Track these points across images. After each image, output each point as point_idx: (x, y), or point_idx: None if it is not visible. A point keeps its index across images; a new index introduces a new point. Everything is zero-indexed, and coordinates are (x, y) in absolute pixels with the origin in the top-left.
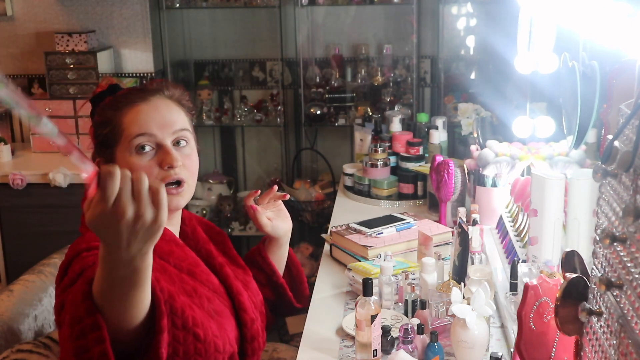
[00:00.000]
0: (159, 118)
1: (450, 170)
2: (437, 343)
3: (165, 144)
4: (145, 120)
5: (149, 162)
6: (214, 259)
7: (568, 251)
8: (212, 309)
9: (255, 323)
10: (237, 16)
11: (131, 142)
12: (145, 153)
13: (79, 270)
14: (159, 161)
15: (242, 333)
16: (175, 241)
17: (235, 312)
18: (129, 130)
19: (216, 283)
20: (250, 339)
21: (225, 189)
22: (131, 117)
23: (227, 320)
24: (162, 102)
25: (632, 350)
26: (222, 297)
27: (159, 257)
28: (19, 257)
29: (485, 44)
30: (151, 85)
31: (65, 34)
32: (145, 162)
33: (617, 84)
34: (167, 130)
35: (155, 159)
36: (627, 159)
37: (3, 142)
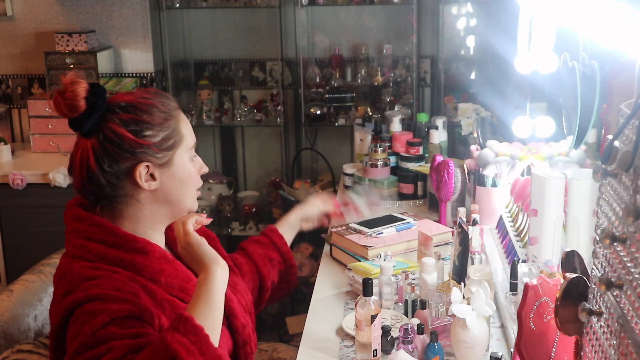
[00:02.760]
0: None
1: (450, 170)
2: (437, 343)
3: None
4: (191, 131)
5: (195, 168)
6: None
7: (568, 251)
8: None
9: (246, 328)
10: (237, 16)
11: (189, 149)
12: (195, 158)
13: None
14: (198, 168)
15: (234, 339)
16: (165, 257)
17: (226, 318)
18: (186, 137)
19: None
20: (242, 344)
21: (225, 189)
22: (184, 123)
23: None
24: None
25: (632, 350)
26: None
27: (150, 279)
28: (19, 257)
29: (485, 44)
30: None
31: (65, 34)
32: (194, 169)
33: (617, 84)
34: None
35: (197, 165)
36: (627, 159)
37: (3, 142)
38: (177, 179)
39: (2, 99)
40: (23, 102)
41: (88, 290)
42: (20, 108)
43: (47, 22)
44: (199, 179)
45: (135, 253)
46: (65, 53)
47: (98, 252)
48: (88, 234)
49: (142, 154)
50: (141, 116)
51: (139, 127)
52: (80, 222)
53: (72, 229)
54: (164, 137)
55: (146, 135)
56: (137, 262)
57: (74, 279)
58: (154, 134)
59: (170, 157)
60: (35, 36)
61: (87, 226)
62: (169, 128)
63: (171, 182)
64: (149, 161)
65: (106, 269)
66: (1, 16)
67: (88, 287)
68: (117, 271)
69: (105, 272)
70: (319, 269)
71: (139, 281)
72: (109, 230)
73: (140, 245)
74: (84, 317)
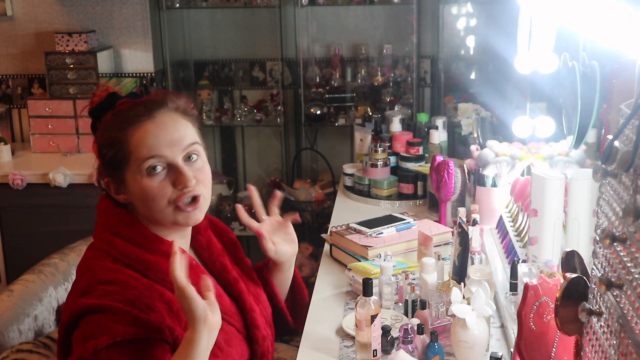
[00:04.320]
0: (168, 137)
1: (450, 170)
2: (437, 343)
3: (177, 163)
4: (153, 142)
5: (161, 183)
6: (228, 273)
7: (568, 251)
8: (222, 340)
9: (266, 340)
10: (237, 16)
11: (141, 165)
12: (157, 174)
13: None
14: (172, 181)
15: (252, 349)
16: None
17: (246, 329)
18: (138, 153)
19: (227, 304)
20: (260, 355)
21: (225, 189)
22: (138, 138)
23: (236, 344)
24: (168, 117)
25: (632, 350)
26: (234, 316)
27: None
28: (19, 257)
29: (485, 44)
30: (155, 97)
31: (65, 34)
32: (157, 183)
33: (617, 84)
34: (177, 148)
35: (168, 179)
36: (627, 159)
37: (3, 142)
38: (135, 197)
39: (2, 99)
40: (23, 102)
41: (102, 299)
42: (20, 108)
43: (47, 22)
44: (163, 193)
45: (159, 255)
46: (65, 53)
47: (123, 250)
48: (116, 229)
49: (101, 169)
50: (103, 133)
51: (99, 144)
52: (111, 216)
53: (101, 221)
54: (112, 155)
55: (101, 154)
56: (159, 265)
57: (93, 279)
58: (106, 153)
59: (122, 176)
60: (35, 36)
61: (117, 221)
62: (118, 146)
63: (134, 200)
64: (107, 177)
65: (127, 273)
66: (1, 16)
67: (104, 293)
68: (136, 277)
69: (124, 278)
70: (319, 269)
71: (157, 289)
72: (137, 229)
73: (165, 248)
74: (92, 327)
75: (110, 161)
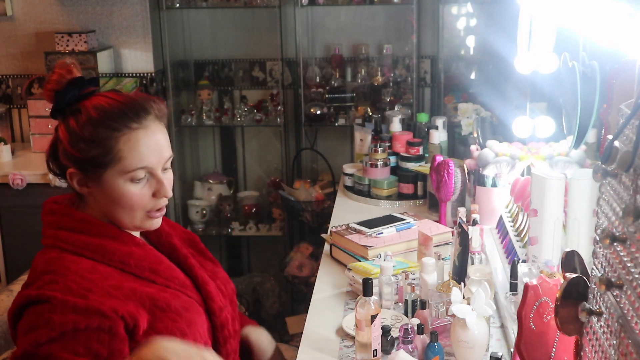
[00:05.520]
0: (157, 148)
1: (450, 170)
2: (437, 343)
3: (158, 174)
4: (145, 152)
5: (141, 191)
6: (177, 251)
7: (568, 251)
8: (180, 307)
9: (223, 311)
10: (237, 16)
11: (128, 172)
12: (139, 182)
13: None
14: (154, 191)
15: (212, 322)
16: (134, 241)
17: (204, 303)
18: (128, 161)
19: (181, 277)
20: (220, 327)
21: (225, 189)
22: (130, 145)
23: (197, 314)
24: (156, 126)
25: (632, 350)
26: (190, 289)
27: (120, 262)
28: (19, 257)
29: (485, 44)
30: (141, 102)
31: (65, 34)
32: (138, 191)
33: (617, 84)
34: (162, 160)
35: (148, 188)
36: (627, 159)
37: (3, 142)
38: (107, 196)
39: (2, 99)
40: (23, 102)
41: (40, 289)
42: (20, 108)
43: (47, 22)
44: (142, 201)
45: (103, 237)
46: (65, 53)
47: (67, 239)
48: (59, 223)
49: (73, 160)
50: (84, 127)
51: (76, 137)
52: (53, 214)
53: (45, 222)
54: (96, 154)
55: (79, 147)
56: (105, 245)
57: (35, 271)
58: (86, 149)
59: (100, 175)
60: (35, 36)
61: (59, 217)
62: (105, 147)
63: (101, 197)
64: (77, 169)
65: (70, 259)
66: (1, 16)
67: (42, 283)
68: (78, 261)
69: (65, 264)
70: (319, 269)
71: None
72: (78, 217)
73: (108, 230)
74: (32, 319)
75: (90, 159)
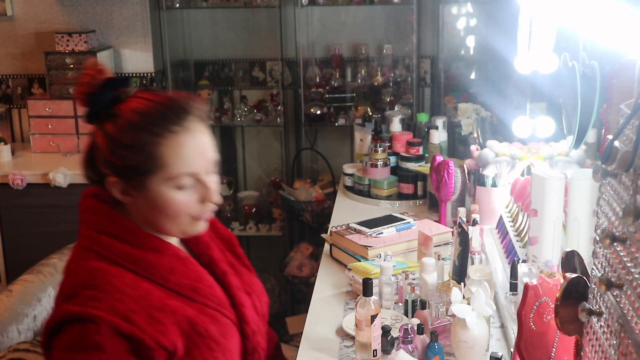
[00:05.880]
0: (202, 152)
1: (450, 170)
2: (437, 343)
3: (204, 179)
4: (191, 158)
5: (188, 198)
6: (215, 267)
7: (568, 251)
8: (217, 333)
9: (256, 335)
10: (237, 16)
11: (173, 179)
12: (186, 188)
13: None
14: (200, 197)
15: (244, 344)
16: (177, 255)
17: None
18: (173, 167)
19: (220, 295)
20: (252, 350)
21: (225, 189)
22: (174, 151)
23: (232, 339)
24: (199, 127)
25: (632, 350)
26: (226, 308)
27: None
28: (19, 257)
29: (485, 44)
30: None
31: (65, 34)
32: (185, 198)
33: (617, 84)
34: (207, 163)
35: (195, 194)
36: (627, 159)
37: (3, 142)
38: (151, 204)
39: (2, 99)
40: (23, 102)
41: (84, 306)
42: (20, 108)
43: (47, 22)
44: (188, 208)
45: (146, 249)
46: (65, 53)
47: (107, 246)
48: (100, 226)
49: (113, 168)
50: (124, 132)
51: (116, 143)
52: (93, 213)
53: (85, 219)
54: (138, 161)
55: (120, 155)
56: (147, 259)
57: (76, 282)
58: (128, 156)
59: (143, 182)
60: (35, 36)
61: (100, 218)
62: (147, 153)
63: (145, 204)
64: (119, 177)
65: (112, 273)
66: (1, 16)
67: (86, 299)
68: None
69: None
70: (319, 269)
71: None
72: (121, 224)
73: (152, 243)
74: (75, 338)
75: (132, 166)
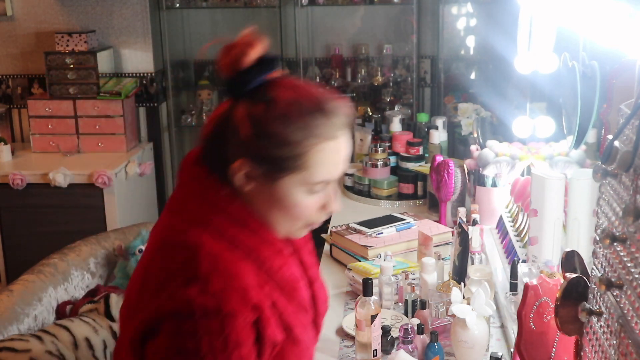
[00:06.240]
0: (343, 162)
1: (450, 170)
2: (437, 343)
3: (332, 187)
4: (332, 166)
5: (313, 203)
6: (308, 270)
7: (568, 251)
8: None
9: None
10: (237, 16)
11: (311, 184)
12: (316, 193)
13: None
14: (323, 204)
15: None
16: (284, 252)
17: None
18: (315, 173)
19: (307, 299)
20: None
21: None
22: (322, 157)
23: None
24: (347, 137)
25: (632, 350)
26: (310, 312)
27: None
28: (19, 257)
29: (485, 44)
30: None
31: (65, 34)
32: (311, 203)
33: (617, 84)
34: (341, 173)
35: (319, 200)
36: (627, 159)
37: (3, 142)
38: (274, 199)
39: (2, 99)
40: (23, 102)
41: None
42: (20, 108)
43: (47, 22)
44: (311, 214)
45: (261, 240)
46: (65, 53)
47: (224, 227)
48: (215, 204)
49: (249, 152)
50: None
51: (262, 129)
52: (205, 187)
53: (192, 190)
54: (282, 155)
55: (263, 142)
56: (261, 251)
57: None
58: (272, 147)
59: (275, 176)
60: (35, 36)
61: (214, 194)
62: (294, 152)
63: (265, 197)
64: (251, 164)
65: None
66: (1, 16)
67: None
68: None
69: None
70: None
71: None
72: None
73: (266, 234)
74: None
75: (273, 158)
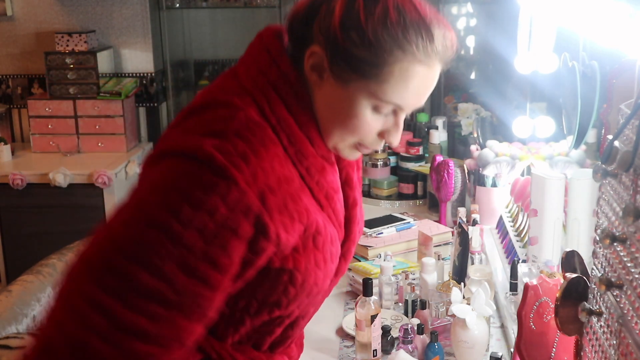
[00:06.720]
0: (423, 93)
1: (450, 170)
2: (437, 343)
3: (401, 117)
4: (411, 92)
5: (374, 123)
6: (351, 190)
7: (568, 251)
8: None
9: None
10: (237, 16)
11: (380, 101)
12: (381, 114)
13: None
14: (384, 130)
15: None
16: (328, 158)
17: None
18: (388, 88)
19: (341, 217)
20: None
21: None
22: (404, 76)
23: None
24: (437, 68)
25: (632, 350)
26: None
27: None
28: (19, 257)
29: (485, 44)
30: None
31: (65, 34)
32: (372, 122)
33: (617, 84)
34: (416, 106)
35: (381, 123)
36: (627, 159)
37: (3, 142)
38: (334, 100)
39: (2, 99)
40: (23, 102)
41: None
42: (20, 108)
43: (47, 22)
44: (367, 133)
45: (308, 135)
46: (65, 53)
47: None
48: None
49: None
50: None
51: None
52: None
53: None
54: (363, 57)
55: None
56: (305, 145)
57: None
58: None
59: (348, 77)
60: (35, 36)
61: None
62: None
63: (327, 97)
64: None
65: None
66: (1, 16)
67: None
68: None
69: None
70: None
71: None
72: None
73: (314, 132)
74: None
75: (353, 56)
